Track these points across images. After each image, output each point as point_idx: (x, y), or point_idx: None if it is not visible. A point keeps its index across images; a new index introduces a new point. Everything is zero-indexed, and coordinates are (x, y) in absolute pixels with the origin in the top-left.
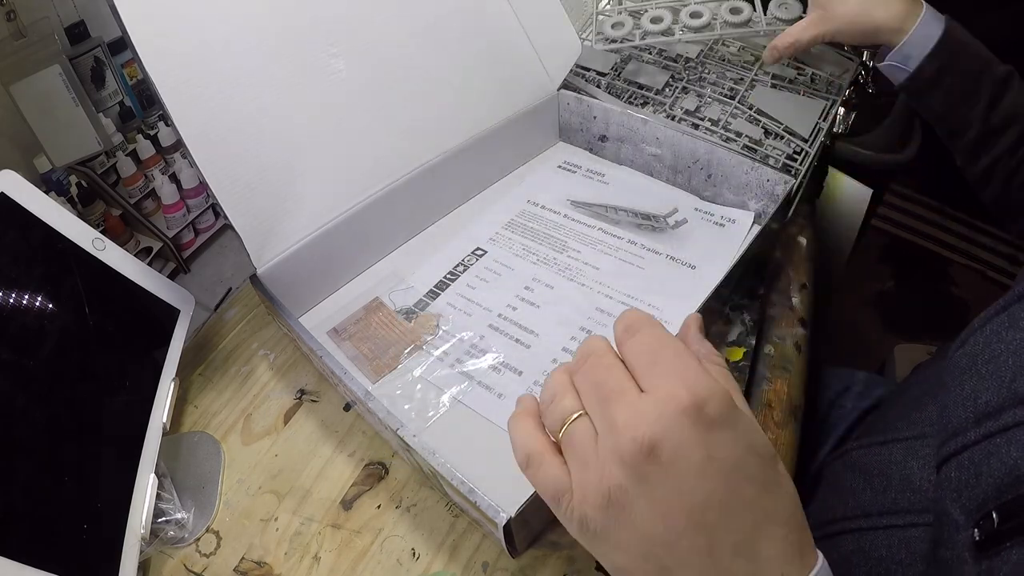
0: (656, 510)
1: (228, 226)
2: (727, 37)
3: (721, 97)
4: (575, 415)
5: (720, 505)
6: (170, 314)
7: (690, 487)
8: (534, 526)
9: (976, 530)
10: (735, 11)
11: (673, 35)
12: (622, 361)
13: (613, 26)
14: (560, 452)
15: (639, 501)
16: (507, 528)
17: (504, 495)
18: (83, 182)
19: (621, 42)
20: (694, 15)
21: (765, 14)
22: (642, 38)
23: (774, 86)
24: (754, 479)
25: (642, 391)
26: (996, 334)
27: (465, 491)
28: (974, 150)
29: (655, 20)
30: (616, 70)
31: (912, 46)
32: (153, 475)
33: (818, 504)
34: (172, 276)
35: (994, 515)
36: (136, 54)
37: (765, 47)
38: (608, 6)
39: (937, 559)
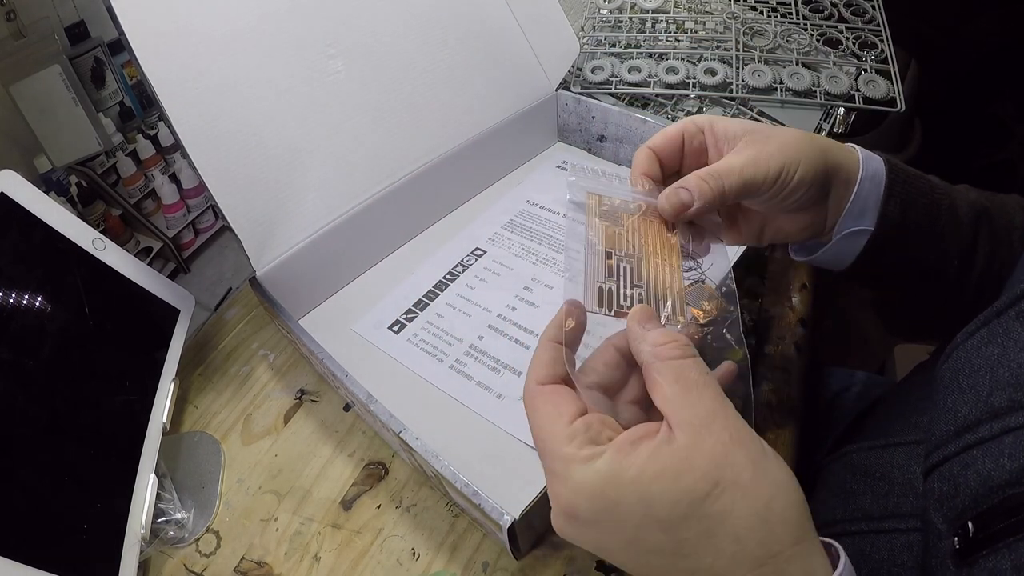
0: (599, 543)
1: (228, 227)
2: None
3: (722, 98)
4: None
5: (643, 563)
6: (170, 314)
7: (607, 548)
8: (537, 528)
9: (956, 539)
10: (710, 72)
11: (648, 87)
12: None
13: (593, 70)
14: None
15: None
16: (511, 530)
17: (507, 496)
18: (83, 182)
19: (599, 87)
20: (670, 70)
21: (738, 78)
22: (618, 86)
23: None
24: (661, 550)
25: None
26: (976, 349)
27: (469, 493)
28: (962, 267)
29: (633, 70)
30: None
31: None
32: (153, 475)
33: (817, 505)
34: (172, 276)
35: (970, 525)
36: (134, 56)
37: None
38: (588, 46)
39: (925, 566)
